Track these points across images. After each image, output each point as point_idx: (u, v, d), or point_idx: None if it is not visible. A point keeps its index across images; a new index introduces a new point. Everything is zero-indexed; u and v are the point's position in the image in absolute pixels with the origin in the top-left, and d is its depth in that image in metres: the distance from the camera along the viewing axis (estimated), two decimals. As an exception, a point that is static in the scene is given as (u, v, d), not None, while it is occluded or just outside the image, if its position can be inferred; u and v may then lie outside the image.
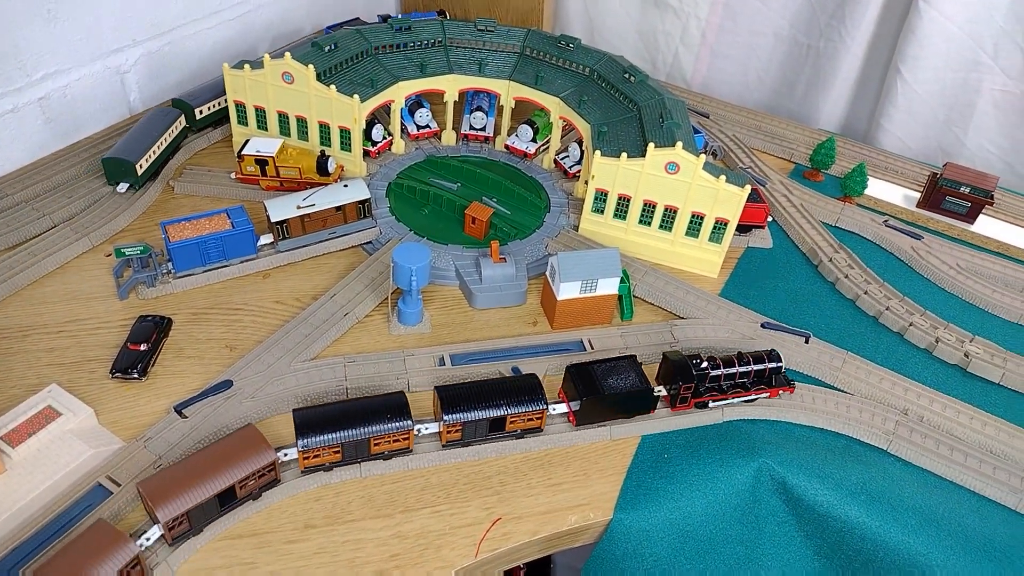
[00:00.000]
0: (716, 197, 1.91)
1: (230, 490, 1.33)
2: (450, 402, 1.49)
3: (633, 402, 1.61)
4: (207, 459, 1.34)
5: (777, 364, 1.65)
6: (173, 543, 1.30)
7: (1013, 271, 2.14)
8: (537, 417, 1.54)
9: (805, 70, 2.90)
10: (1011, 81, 2.52)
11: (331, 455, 1.44)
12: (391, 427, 1.44)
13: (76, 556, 1.19)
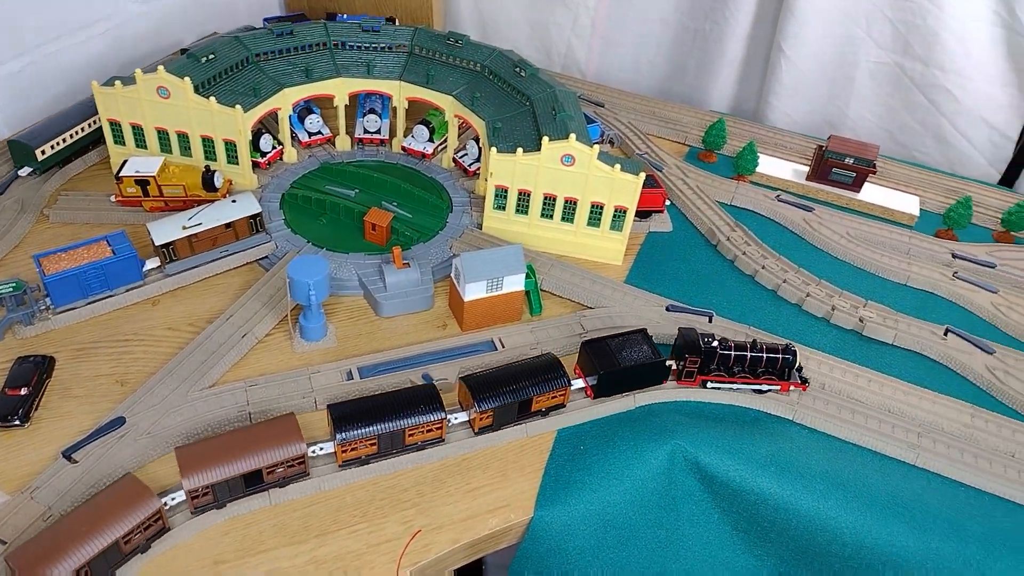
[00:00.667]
0: (613, 186, 1.93)
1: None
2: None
3: (648, 374, 1.66)
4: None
5: (790, 357, 1.65)
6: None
7: (898, 235, 2.24)
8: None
9: (694, 54, 2.97)
10: (884, 52, 2.63)
11: (368, 448, 1.46)
12: (425, 419, 1.48)
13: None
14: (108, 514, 1.25)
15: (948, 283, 2.07)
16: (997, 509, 1.54)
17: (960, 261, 2.16)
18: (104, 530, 1.23)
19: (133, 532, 1.26)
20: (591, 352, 1.65)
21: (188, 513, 1.37)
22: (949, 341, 1.90)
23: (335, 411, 1.46)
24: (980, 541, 1.46)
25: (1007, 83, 2.49)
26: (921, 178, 2.51)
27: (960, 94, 2.55)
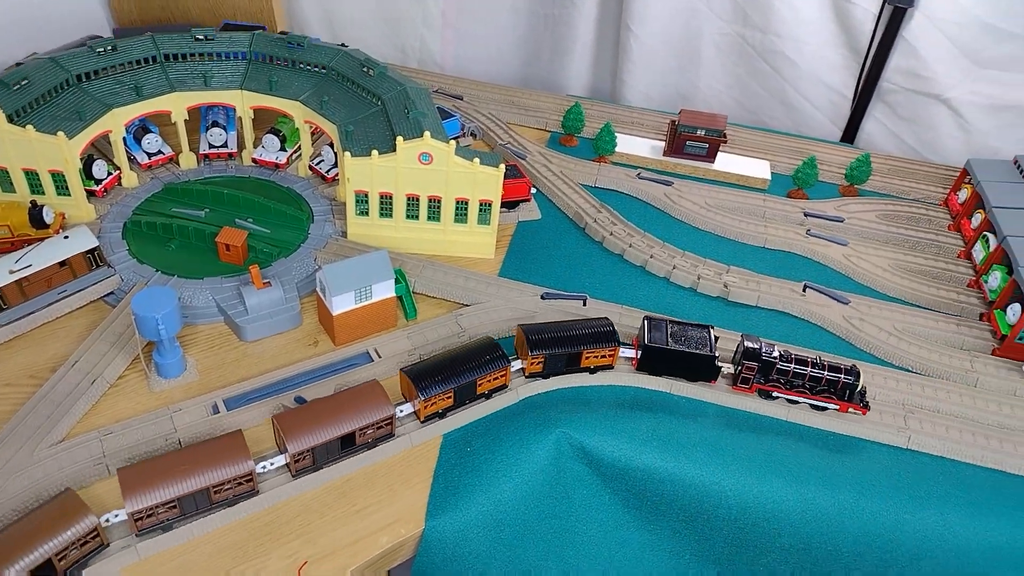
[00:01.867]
0: (474, 180, 1.90)
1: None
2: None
3: (695, 366, 1.69)
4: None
5: (852, 379, 1.63)
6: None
7: (753, 200, 2.33)
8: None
9: (547, 39, 2.98)
10: (725, 24, 2.73)
11: (445, 400, 1.56)
12: (491, 367, 1.59)
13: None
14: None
15: (803, 241, 2.18)
16: (864, 453, 1.63)
17: (812, 219, 2.27)
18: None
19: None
20: (647, 326, 1.70)
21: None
22: (808, 296, 1.99)
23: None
24: (851, 486, 1.54)
25: (838, 44, 2.63)
26: (770, 142, 2.63)
27: (798, 58, 2.68)
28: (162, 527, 1.34)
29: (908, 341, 1.87)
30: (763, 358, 1.64)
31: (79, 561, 1.27)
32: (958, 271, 2.11)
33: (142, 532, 1.32)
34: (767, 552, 1.58)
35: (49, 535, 1.22)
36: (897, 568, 1.53)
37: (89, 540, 1.27)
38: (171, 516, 1.33)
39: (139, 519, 1.30)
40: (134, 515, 1.29)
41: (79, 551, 1.26)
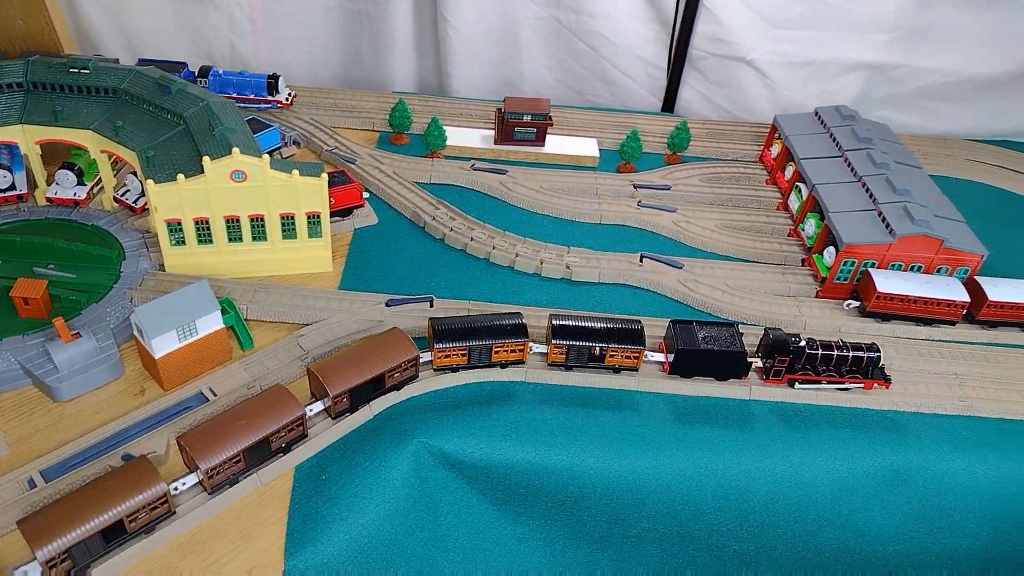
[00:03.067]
0: (297, 192, 1.81)
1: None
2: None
3: (728, 365, 1.69)
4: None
5: (875, 356, 1.67)
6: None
7: (585, 178, 2.37)
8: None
9: (365, 36, 2.89)
10: (539, 7, 2.75)
11: (459, 358, 1.65)
12: (511, 340, 1.65)
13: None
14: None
15: (635, 213, 2.23)
16: (712, 411, 1.69)
17: (641, 190, 2.33)
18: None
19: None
20: (676, 330, 1.70)
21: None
22: (645, 265, 2.05)
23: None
24: (703, 445, 1.60)
25: (647, 19, 2.72)
26: (596, 120, 2.68)
27: (612, 36, 2.74)
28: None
29: (740, 296, 1.96)
30: (793, 349, 1.67)
31: (147, 525, 1.34)
32: (778, 223, 2.24)
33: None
34: (636, 522, 1.62)
35: (122, 498, 1.29)
36: (755, 515, 1.61)
37: (159, 506, 1.33)
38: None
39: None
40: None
41: (148, 515, 1.32)
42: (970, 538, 1.68)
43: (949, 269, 1.92)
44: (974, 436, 1.68)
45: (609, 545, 1.66)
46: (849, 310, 1.93)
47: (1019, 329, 1.94)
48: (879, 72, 2.72)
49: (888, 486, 1.62)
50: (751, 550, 1.66)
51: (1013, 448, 1.66)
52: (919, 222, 1.86)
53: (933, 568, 1.73)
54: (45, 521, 1.26)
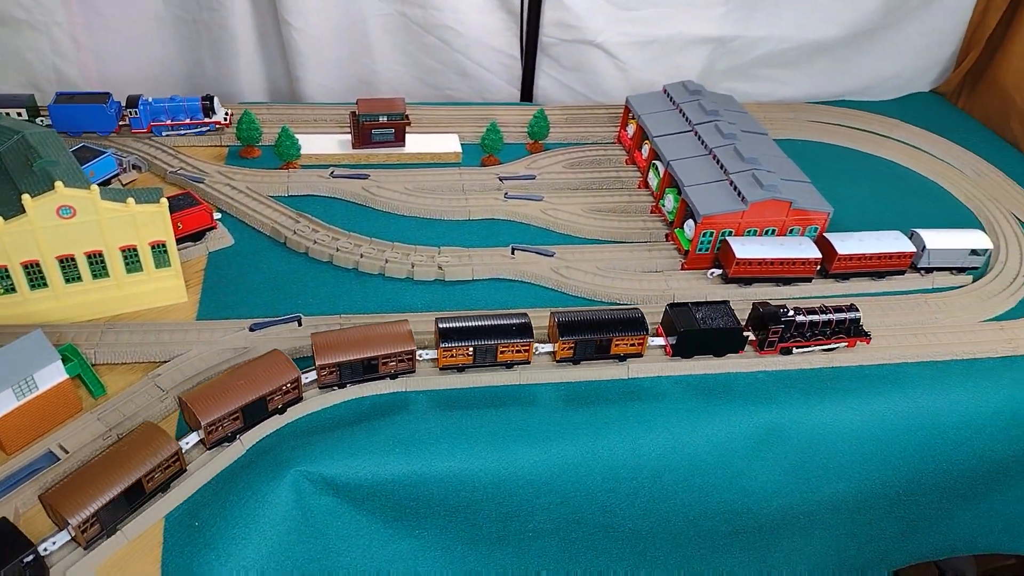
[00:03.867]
0: (135, 222, 1.69)
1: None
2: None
3: (725, 340, 1.75)
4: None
5: (856, 315, 1.77)
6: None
7: (449, 175, 2.34)
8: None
9: (205, 46, 2.74)
10: (384, 4, 2.69)
11: (464, 358, 1.64)
12: (516, 340, 1.65)
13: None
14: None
15: (503, 205, 2.22)
16: (591, 393, 1.70)
17: (507, 182, 2.33)
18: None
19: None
20: (674, 313, 1.74)
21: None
22: (517, 257, 2.04)
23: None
24: (587, 430, 1.61)
25: (494, 8, 2.71)
26: (455, 114, 2.65)
27: (461, 28, 2.72)
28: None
29: (611, 277, 1.99)
30: (785, 319, 1.73)
31: (163, 483, 1.40)
32: (641, 201, 2.29)
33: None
34: (532, 516, 1.61)
35: (139, 461, 1.36)
36: (645, 491, 1.64)
37: (171, 464, 1.40)
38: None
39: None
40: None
41: (163, 474, 1.39)
42: (845, 482, 1.78)
43: (800, 229, 2.02)
44: (839, 386, 1.77)
45: (508, 542, 1.64)
46: (713, 278, 2.00)
47: (869, 278, 2.06)
48: (720, 45, 2.83)
49: (765, 445, 1.68)
50: (645, 525, 1.69)
51: (873, 392, 1.76)
52: (768, 187, 1.94)
53: (816, 515, 1.82)
54: (69, 490, 1.32)
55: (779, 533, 1.83)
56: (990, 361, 1.87)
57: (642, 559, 1.77)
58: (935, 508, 1.93)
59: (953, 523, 2.02)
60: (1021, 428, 1.83)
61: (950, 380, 1.80)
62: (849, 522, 1.88)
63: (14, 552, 1.22)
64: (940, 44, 3.12)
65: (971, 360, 1.86)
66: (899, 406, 1.75)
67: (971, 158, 2.71)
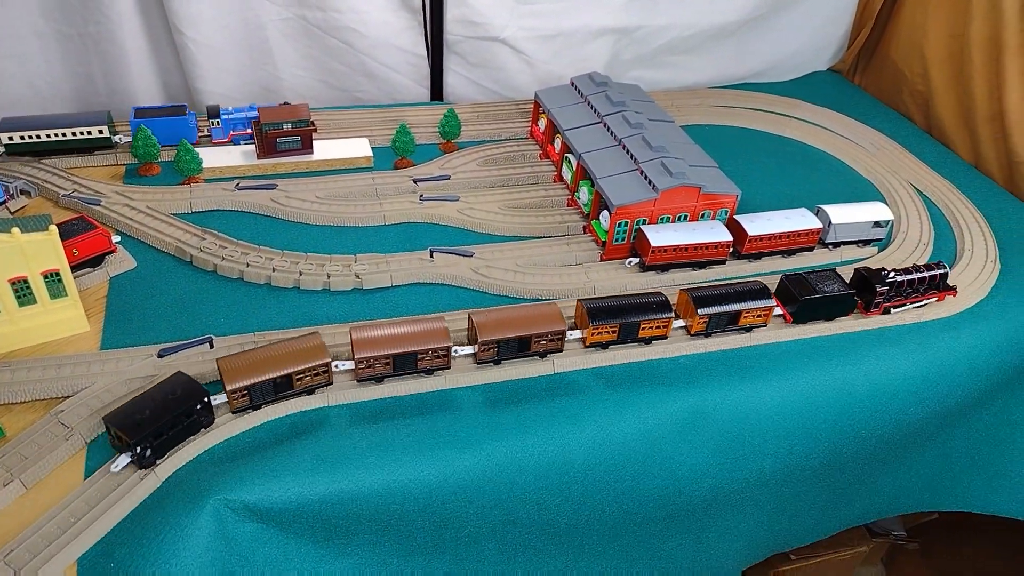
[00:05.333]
0: (23, 252, 1.59)
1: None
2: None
3: (839, 305, 1.88)
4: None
5: (944, 271, 1.93)
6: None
7: (362, 180, 2.29)
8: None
9: (95, 61, 2.60)
10: (282, 8, 2.61)
11: (609, 335, 1.73)
12: (656, 316, 1.74)
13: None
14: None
15: (418, 208, 2.19)
16: (520, 391, 1.69)
17: (421, 183, 2.29)
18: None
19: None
20: (791, 283, 1.86)
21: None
22: (436, 260, 2.01)
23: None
24: (514, 430, 1.60)
25: (396, 7, 2.66)
26: (363, 118, 2.60)
27: (364, 29, 2.66)
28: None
29: (532, 273, 1.98)
30: (888, 281, 1.88)
31: (309, 387, 1.58)
32: (557, 195, 2.29)
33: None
34: (466, 522, 1.59)
35: (295, 361, 1.54)
36: (577, 485, 1.64)
37: (320, 373, 1.57)
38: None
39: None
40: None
41: (311, 379, 1.56)
42: (771, 457, 1.82)
43: (711, 213, 2.05)
44: (757, 364, 1.80)
45: (444, 550, 1.62)
46: (631, 267, 2.02)
47: (780, 256, 2.11)
48: (624, 35, 2.85)
49: (691, 428, 1.70)
50: (581, 519, 1.69)
51: (790, 368, 1.81)
52: (676, 174, 1.97)
53: (746, 492, 1.86)
54: (237, 364, 1.53)
55: (712, 513, 1.87)
56: (898, 329, 1.94)
57: (580, 552, 1.77)
58: (858, 474, 2.00)
59: (877, 487, 2.10)
60: (931, 391, 1.91)
61: (862, 351, 1.87)
62: (778, 496, 1.93)
63: (192, 397, 1.47)
64: (834, 23, 3.23)
65: (880, 329, 1.93)
66: (816, 379, 1.80)
67: (869, 132, 2.82)
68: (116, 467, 1.42)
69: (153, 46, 2.63)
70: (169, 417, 1.44)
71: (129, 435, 1.40)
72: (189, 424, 1.48)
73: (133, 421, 1.42)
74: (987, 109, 2.66)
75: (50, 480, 1.44)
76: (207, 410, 1.51)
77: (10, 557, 1.29)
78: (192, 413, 1.48)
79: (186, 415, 1.47)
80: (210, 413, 1.52)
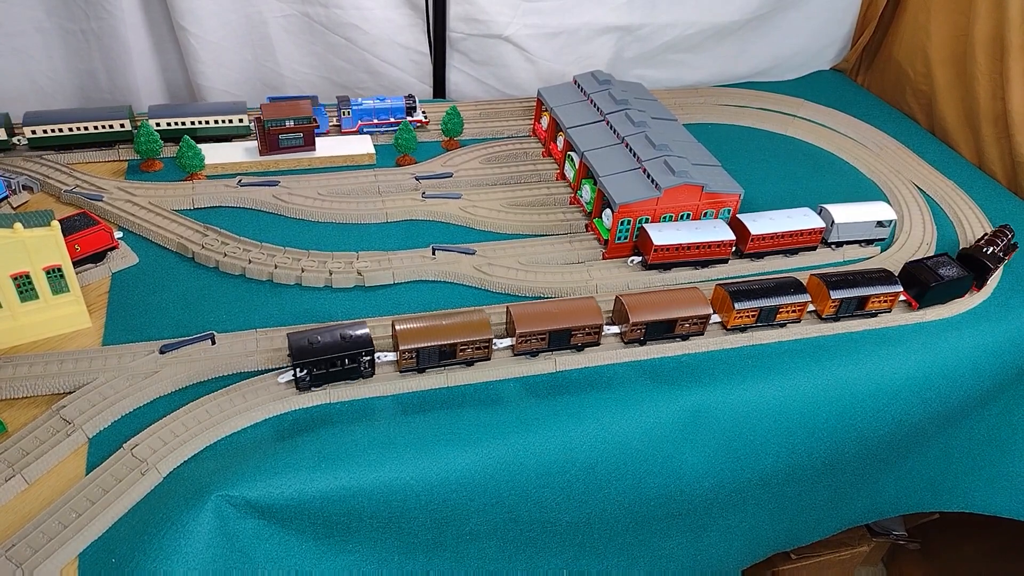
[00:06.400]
0: (25, 248, 1.59)
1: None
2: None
3: (958, 287, 1.97)
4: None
5: (1012, 234, 2.10)
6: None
7: (364, 177, 2.29)
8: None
9: (97, 57, 2.60)
10: (285, 5, 2.61)
11: (749, 319, 1.81)
12: (793, 299, 1.81)
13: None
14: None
15: (421, 205, 2.19)
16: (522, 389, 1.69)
17: (424, 181, 2.29)
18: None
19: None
20: (915, 269, 1.94)
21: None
22: (438, 257, 2.01)
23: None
24: (517, 428, 1.59)
25: (399, 4, 2.65)
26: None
27: (366, 26, 2.66)
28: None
29: (534, 271, 1.98)
30: (988, 255, 2.00)
31: (469, 359, 1.67)
32: (559, 193, 2.29)
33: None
34: (467, 519, 1.59)
35: (461, 333, 1.63)
36: (579, 483, 1.64)
37: (482, 348, 1.66)
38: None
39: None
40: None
41: (472, 352, 1.65)
42: (772, 456, 1.82)
43: (714, 212, 2.05)
44: (759, 364, 1.80)
45: (445, 548, 1.62)
46: (633, 266, 2.01)
47: (782, 255, 2.11)
48: (627, 33, 2.85)
49: (693, 427, 1.70)
50: (581, 517, 1.69)
51: (792, 368, 1.80)
52: (679, 173, 1.96)
53: (747, 492, 1.86)
54: (410, 328, 1.62)
55: (713, 512, 1.86)
56: (900, 329, 1.94)
57: (581, 551, 1.77)
58: (859, 474, 2.00)
59: (878, 487, 2.10)
60: (933, 391, 1.91)
61: (864, 350, 1.86)
62: (779, 495, 1.93)
63: (361, 347, 1.57)
64: (837, 22, 3.22)
65: (882, 329, 1.93)
66: (818, 379, 1.80)
67: (872, 132, 2.81)
68: (281, 379, 1.60)
69: (155, 42, 2.63)
70: (335, 355, 1.55)
71: (295, 356, 1.54)
72: (350, 369, 1.59)
73: (305, 346, 1.55)
74: (990, 109, 2.66)
75: (51, 476, 1.44)
76: (371, 363, 1.61)
77: (11, 552, 1.29)
78: (356, 360, 1.58)
79: (350, 359, 1.57)
80: (372, 367, 1.62)
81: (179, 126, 2.32)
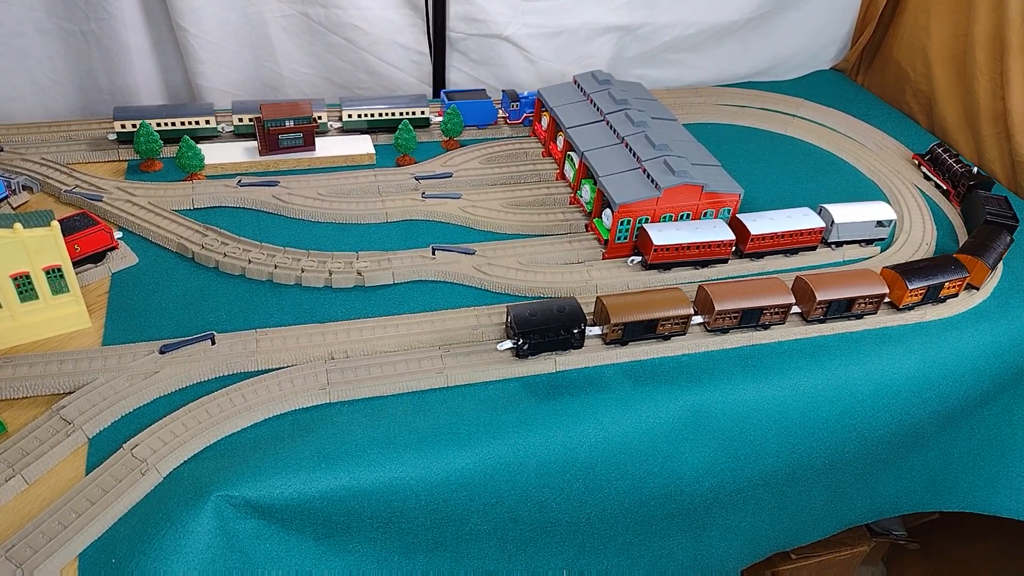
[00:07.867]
0: (25, 248, 1.59)
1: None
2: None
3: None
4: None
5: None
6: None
7: (364, 177, 2.29)
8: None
9: (96, 57, 2.60)
10: (285, 5, 2.61)
11: (916, 298, 1.91)
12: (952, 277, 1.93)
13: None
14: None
15: (421, 205, 2.19)
16: (521, 389, 1.69)
17: (423, 181, 2.29)
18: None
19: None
20: (986, 232, 2.08)
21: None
22: (438, 257, 2.01)
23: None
24: (517, 427, 1.59)
25: (398, 4, 2.66)
26: (366, 115, 2.59)
27: (366, 26, 2.66)
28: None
29: (534, 271, 1.98)
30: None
31: (667, 333, 1.77)
32: (559, 193, 2.29)
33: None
34: (467, 519, 1.59)
35: (663, 308, 1.73)
36: (578, 484, 1.64)
37: (681, 323, 1.76)
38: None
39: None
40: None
41: (671, 326, 1.75)
42: (773, 456, 1.82)
43: (714, 212, 2.05)
44: (759, 363, 1.80)
45: (445, 548, 1.62)
46: (633, 266, 2.01)
47: (782, 255, 2.11)
48: (627, 32, 2.85)
49: (693, 427, 1.70)
50: (581, 518, 1.69)
51: (792, 367, 1.80)
52: (679, 173, 1.96)
53: (747, 491, 1.86)
54: (618, 303, 1.73)
55: (713, 512, 1.86)
56: (900, 328, 1.94)
57: (581, 551, 1.77)
58: (860, 474, 2.00)
59: (878, 486, 2.10)
60: (933, 391, 1.91)
61: (864, 350, 1.86)
62: (779, 495, 1.93)
63: (575, 320, 1.68)
64: (837, 22, 3.22)
65: (882, 329, 1.93)
66: (818, 379, 1.80)
67: (872, 132, 2.81)
68: (500, 347, 1.72)
69: (155, 42, 2.63)
70: (552, 326, 1.66)
71: (519, 326, 1.65)
72: (563, 339, 1.69)
73: (526, 317, 1.66)
74: (990, 109, 2.66)
75: (51, 476, 1.44)
76: (581, 335, 1.71)
77: (11, 552, 1.29)
78: (570, 332, 1.68)
79: (565, 331, 1.68)
80: (582, 338, 1.72)
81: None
